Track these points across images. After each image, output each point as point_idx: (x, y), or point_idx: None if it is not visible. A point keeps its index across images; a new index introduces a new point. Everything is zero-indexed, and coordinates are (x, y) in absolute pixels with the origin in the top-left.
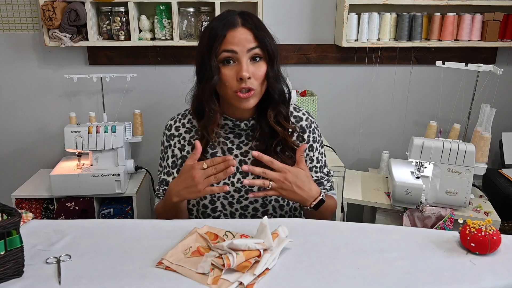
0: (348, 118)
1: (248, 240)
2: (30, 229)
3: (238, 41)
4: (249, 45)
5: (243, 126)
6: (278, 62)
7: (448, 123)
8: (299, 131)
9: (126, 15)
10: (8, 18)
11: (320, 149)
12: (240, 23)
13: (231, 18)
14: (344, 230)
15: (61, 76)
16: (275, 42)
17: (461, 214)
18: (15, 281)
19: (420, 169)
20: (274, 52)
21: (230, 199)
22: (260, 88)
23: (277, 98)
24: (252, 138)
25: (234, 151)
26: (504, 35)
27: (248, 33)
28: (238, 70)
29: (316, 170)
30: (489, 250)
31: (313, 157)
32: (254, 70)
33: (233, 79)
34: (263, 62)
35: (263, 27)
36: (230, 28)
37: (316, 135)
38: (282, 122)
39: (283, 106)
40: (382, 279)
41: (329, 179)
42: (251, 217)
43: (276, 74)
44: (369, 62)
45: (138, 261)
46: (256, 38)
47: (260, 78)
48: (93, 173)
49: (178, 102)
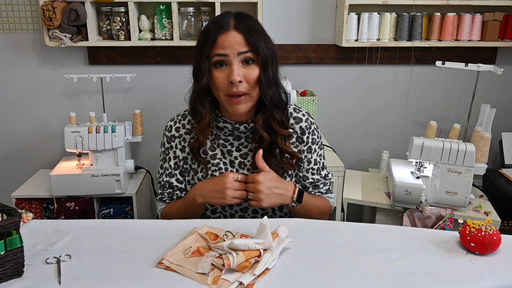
0: (348, 118)
1: (248, 240)
2: (30, 229)
3: (228, 44)
4: (240, 49)
5: (242, 129)
6: (274, 66)
7: (448, 123)
8: (299, 132)
9: (126, 15)
10: (8, 18)
11: (318, 151)
12: (232, 26)
13: (224, 20)
14: (344, 230)
15: (61, 76)
16: (271, 45)
17: (461, 214)
18: (15, 281)
19: (420, 169)
20: (268, 56)
21: None
22: (253, 92)
23: (267, 104)
24: (252, 140)
25: (233, 153)
26: (504, 35)
27: (239, 37)
28: (229, 74)
29: (313, 172)
30: (489, 250)
31: (310, 159)
32: (246, 73)
33: (224, 82)
34: (256, 65)
35: (257, 30)
36: (222, 31)
37: (316, 137)
38: (275, 128)
39: (277, 111)
40: (382, 279)
41: (326, 182)
42: (251, 218)
43: (270, 79)
44: (369, 62)
45: (138, 261)
46: (248, 41)
47: (252, 81)
48: (93, 173)
49: (178, 102)
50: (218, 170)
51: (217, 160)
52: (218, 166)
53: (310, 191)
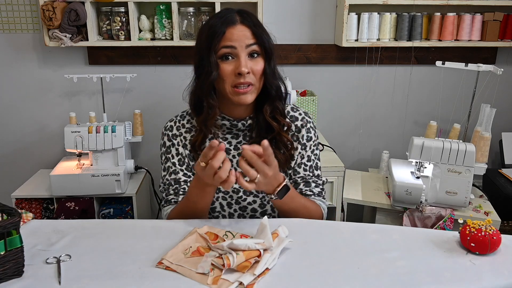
0: (348, 118)
1: (248, 240)
2: (30, 229)
3: (237, 37)
4: (247, 42)
5: (241, 126)
6: (275, 59)
7: (448, 123)
8: (294, 130)
9: (126, 15)
10: (8, 18)
11: (314, 149)
12: (239, 20)
13: (230, 15)
14: (344, 230)
15: (61, 76)
16: (271, 40)
17: (461, 214)
18: (15, 281)
19: (420, 169)
20: (271, 49)
21: (229, 200)
22: (258, 84)
23: (274, 93)
24: (249, 138)
25: (231, 151)
26: (504, 35)
27: (246, 30)
28: (237, 66)
29: (305, 168)
30: (489, 250)
31: (304, 155)
32: (252, 65)
33: (232, 74)
34: (261, 58)
35: (260, 25)
36: (229, 25)
37: (311, 135)
38: (278, 118)
39: (280, 102)
40: (382, 279)
41: (319, 182)
42: (250, 217)
43: (273, 71)
44: (369, 62)
45: (138, 261)
46: (254, 35)
47: (258, 73)
48: (93, 173)
49: (178, 102)
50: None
51: None
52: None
53: (301, 188)
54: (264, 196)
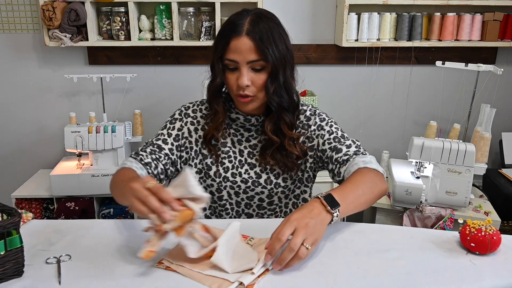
0: (348, 118)
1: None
2: (30, 229)
3: (239, 51)
4: (249, 58)
5: (254, 121)
6: (288, 69)
7: (448, 123)
8: (303, 119)
9: (126, 15)
10: (8, 18)
11: (331, 123)
12: (245, 31)
13: (239, 23)
14: (344, 230)
15: (61, 76)
16: (284, 47)
17: (461, 214)
18: (15, 281)
19: (420, 169)
20: (278, 62)
21: (237, 189)
22: (261, 95)
23: (273, 109)
24: (261, 132)
25: (243, 143)
26: (504, 35)
27: (250, 44)
28: (238, 77)
29: (329, 142)
30: (489, 250)
31: (324, 133)
32: (254, 78)
33: (235, 84)
34: (265, 72)
35: (270, 35)
36: (234, 36)
37: (323, 116)
38: (285, 131)
39: (287, 114)
40: (382, 279)
41: (348, 143)
42: (257, 207)
43: (279, 84)
44: (369, 62)
45: (138, 261)
46: (258, 49)
47: (259, 86)
48: (93, 173)
49: (178, 102)
50: (227, 157)
51: (227, 148)
52: (228, 154)
53: (336, 158)
54: (272, 188)
